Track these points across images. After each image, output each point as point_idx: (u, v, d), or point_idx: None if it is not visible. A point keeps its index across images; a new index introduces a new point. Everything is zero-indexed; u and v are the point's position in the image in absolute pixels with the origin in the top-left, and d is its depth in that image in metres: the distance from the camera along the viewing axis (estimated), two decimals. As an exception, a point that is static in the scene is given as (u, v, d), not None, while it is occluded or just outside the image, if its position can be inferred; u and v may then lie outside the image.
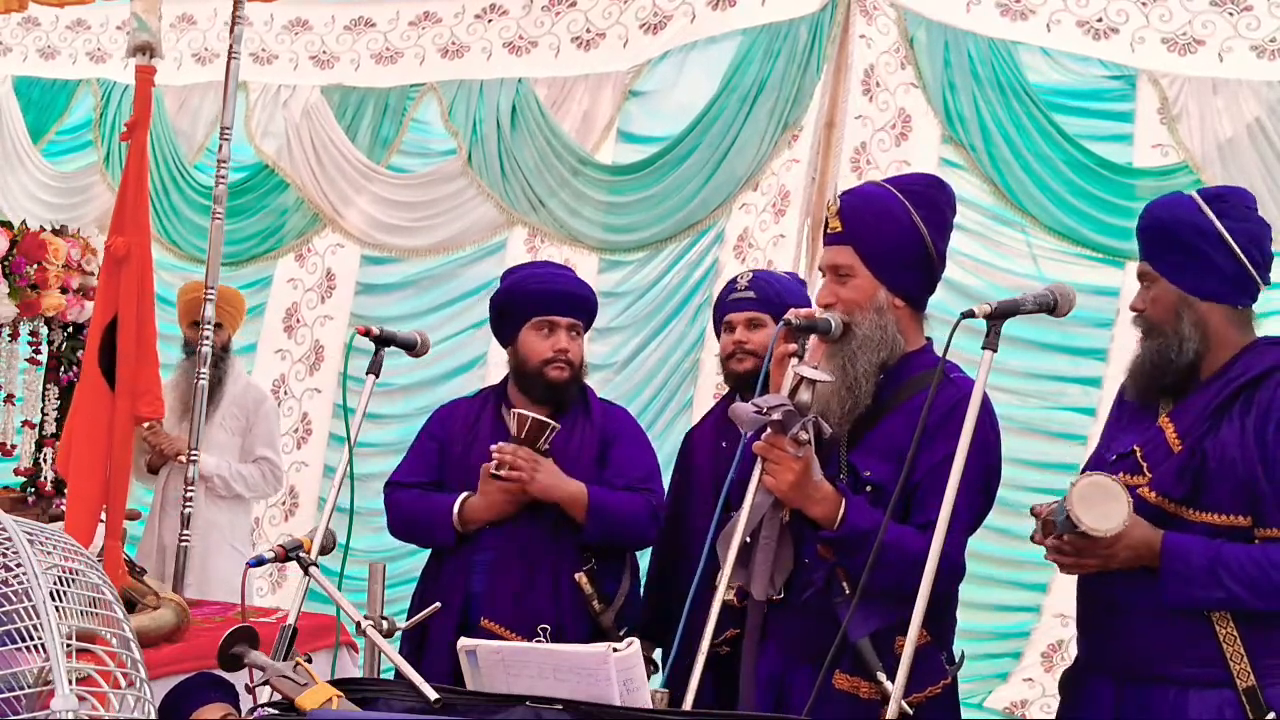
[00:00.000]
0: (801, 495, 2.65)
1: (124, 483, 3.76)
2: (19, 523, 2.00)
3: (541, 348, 3.52)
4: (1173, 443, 2.63)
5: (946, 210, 2.93)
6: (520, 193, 5.91)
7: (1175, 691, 2.55)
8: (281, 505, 6.26)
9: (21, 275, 3.71)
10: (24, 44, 7.06)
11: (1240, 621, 2.52)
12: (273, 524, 6.25)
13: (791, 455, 2.62)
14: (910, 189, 2.87)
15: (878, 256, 2.80)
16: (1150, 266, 2.73)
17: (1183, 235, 2.68)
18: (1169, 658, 2.56)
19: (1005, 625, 5.10)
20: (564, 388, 3.55)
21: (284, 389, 6.37)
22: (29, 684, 1.90)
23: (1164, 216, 2.73)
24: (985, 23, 5.06)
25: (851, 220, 2.81)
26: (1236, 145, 4.79)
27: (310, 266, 6.40)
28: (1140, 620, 2.59)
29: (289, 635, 2.67)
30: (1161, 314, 2.71)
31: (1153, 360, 2.70)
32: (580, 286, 3.66)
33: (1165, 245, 2.71)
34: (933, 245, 2.83)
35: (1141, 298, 2.76)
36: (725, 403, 3.75)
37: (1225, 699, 2.51)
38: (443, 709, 2.46)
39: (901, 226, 2.80)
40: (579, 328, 3.59)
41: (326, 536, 2.89)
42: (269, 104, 6.47)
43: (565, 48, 5.93)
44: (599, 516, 3.42)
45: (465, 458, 3.56)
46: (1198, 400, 2.65)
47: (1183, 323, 2.68)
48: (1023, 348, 4.98)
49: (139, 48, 3.84)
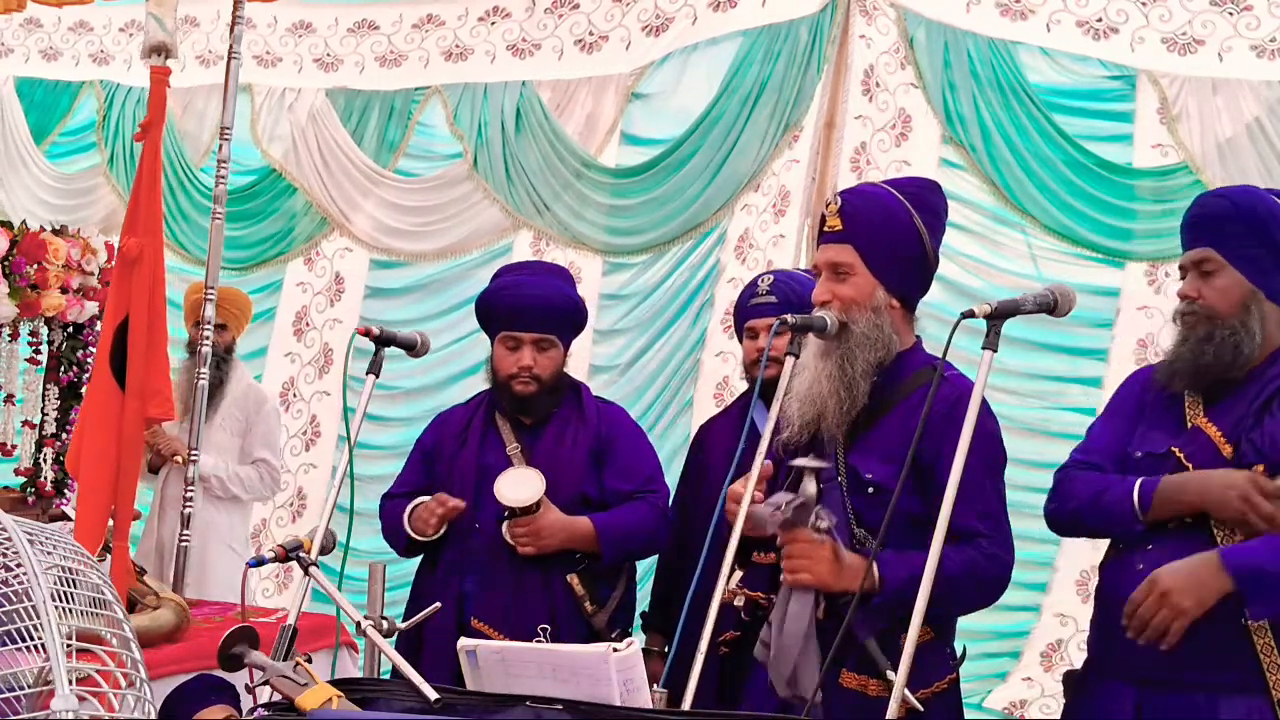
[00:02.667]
0: (839, 578, 2.60)
1: (132, 484, 3.77)
2: (19, 523, 2.01)
3: (506, 363, 3.53)
4: (1220, 444, 2.60)
5: (942, 213, 2.93)
6: (525, 196, 5.91)
7: (1204, 697, 2.52)
8: (290, 507, 6.27)
9: (21, 275, 3.72)
10: (26, 45, 7.06)
11: (1278, 631, 2.50)
12: (280, 525, 6.26)
13: (817, 542, 2.60)
14: (908, 191, 2.87)
15: (878, 256, 2.79)
16: (1217, 253, 2.65)
17: (1264, 224, 2.63)
18: (1199, 664, 2.51)
19: (1004, 625, 5.09)
20: (530, 401, 3.55)
21: (293, 392, 6.38)
22: (29, 684, 1.90)
23: (1245, 205, 2.66)
24: (985, 23, 5.06)
25: (852, 219, 2.80)
26: (1236, 145, 4.78)
27: (319, 270, 6.40)
28: None
29: (289, 635, 2.67)
30: (1227, 306, 2.64)
31: (1218, 353, 2.63)
32: (553, 298, 3.57)
33: (1242, 235, 2.63)
34: (930, 247, 2.84)
35: (1195, 285, 2.68)
36: (743, 400, 3.77)
37: (1256, 706, 2.49)
38: (443, 709, 2.46)
39: (903, 227, 2.80)
40: (550, 340, 3.55)
41: (326, 537, 2.90)
42: (274, 107, 6.48)
43: (568, 50, 5.93)
44: (612, 542, 3.45)
45: (454, 461, 3.58)
46: (1241, 400, 2.62)
47: (1251, 317, 2.63)
48: (1022, 348, 4.98)
49: (154, 48, 3.84)
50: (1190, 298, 2.69)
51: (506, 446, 3.58)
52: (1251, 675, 2.49)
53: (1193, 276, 2.70)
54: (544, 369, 3.53)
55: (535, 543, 3.39)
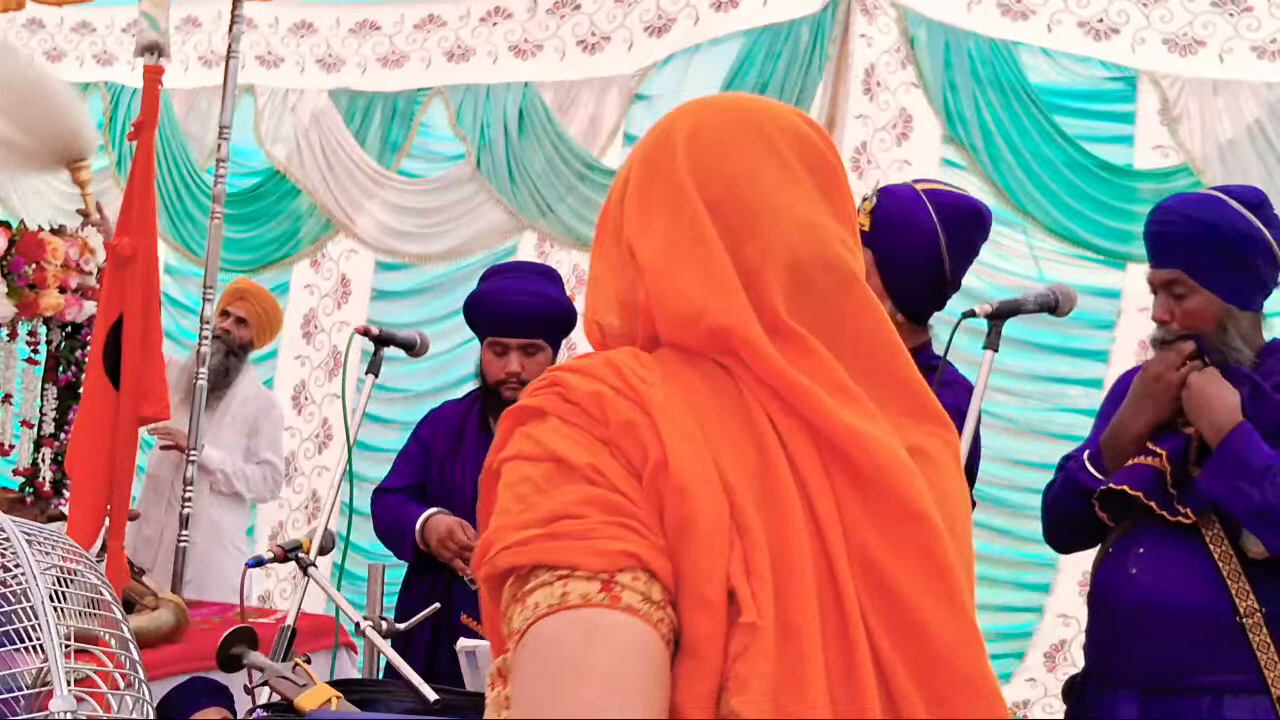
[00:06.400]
0: None
1: (127, 483, 3.77)
2: (18, 523, 2.01)
3: (494, 368, 3.53)
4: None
5: (977, 241, 2.86)
6: (529, 197, 5.90)
7: (1209, 701, 2.51)
8: (304, 509, 6.26)
9: (20, 275, 3.71)
10: (30, 46, 7.05)
11: (1274, 627, 2.49)
12: (295, 528, 6.25)
13: None
14: (946, 209, 2.79)
15: (892, 267, 2.75)
16: (1185, 274, 2.60)
17: (1233, 243, 2.57)
18: (1200, 668, 2.51)
19: (1007, 625, 5.09)
20: None
21: (305, 394, 6.38)
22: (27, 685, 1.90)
23: (1208, 221, 2.59)
24: (986, 23, 5.05)
25: (880, 222, 2.76)
26: (1237, 146, 4.77)
27: (325, 272, 6.40)
28: (1169, 631, 2.54)
29: (288, 636, 2.68)
30: (1202, 326, 2.60)
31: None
32: (536, 303, 3.54)
33: (1208, 252, 2.58)
34: (950, 271, 2.79)
35: (1167, 308, 2.63)
36: None
37: (1260, 706, 2.48)
38: (442, 709, 2.46)
39: (924, 244, 2.74)
40: (537, 345, 3.53)
41: (326, 537, 2.90)
42: (277, 108, 6.48)
43: (570, 51, 5.93)
44: None
45: (448, 463, 3.58)
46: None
47: (1229, 334, 2.60)
48: (1023, 349, 4.97)
49: (147, 47, 3.83)
50: (1164, 321, 2.65)
51: None
52: (1253, 675, 2.48)
53: (1164, 298, 2.65)
54: (532, 373, 3.50)
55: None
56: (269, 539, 6.10)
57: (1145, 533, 2.62)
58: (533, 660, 1.12)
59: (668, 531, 1.17)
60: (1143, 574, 2.56)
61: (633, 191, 1.34)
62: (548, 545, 1.15)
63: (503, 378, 3.51)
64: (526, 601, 1.15)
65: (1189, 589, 2.53)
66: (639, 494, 1.18)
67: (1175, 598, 2.52)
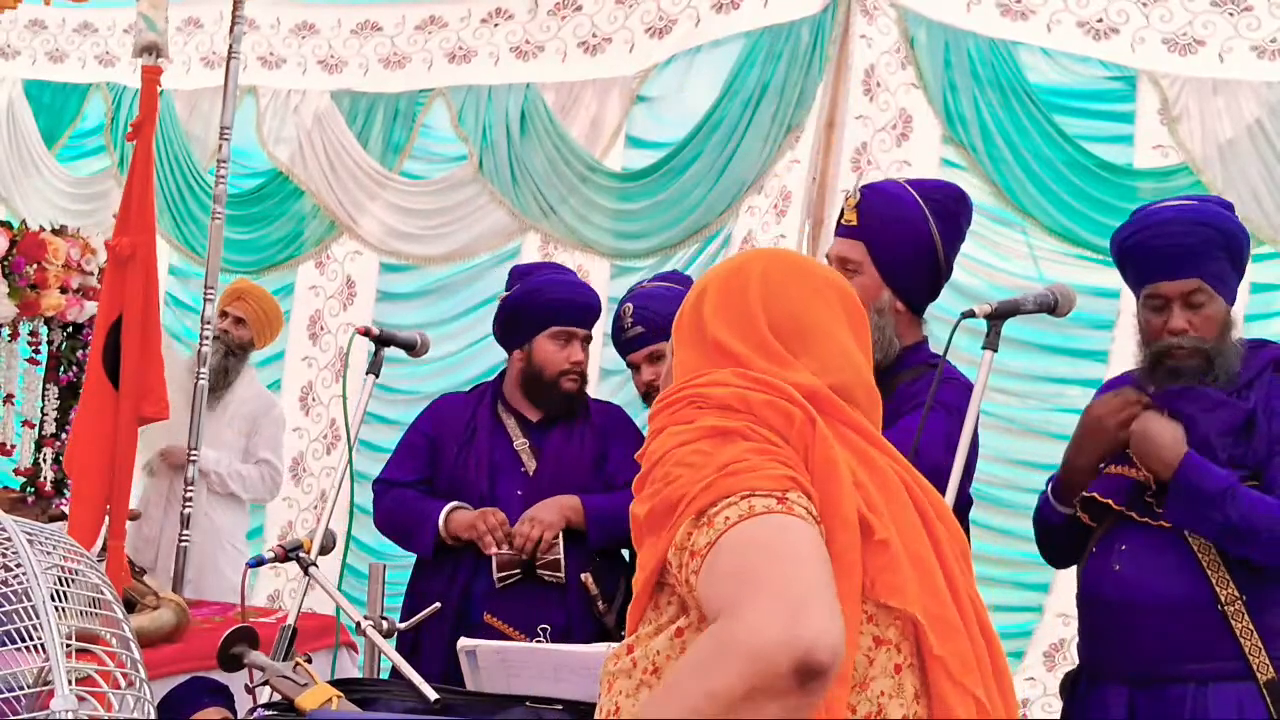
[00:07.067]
0: None
1: (127, 483, 3.77)
2: (19, 523, 2.02)
3: (558, 359, 3.55)
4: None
5: (963, 224, 2.91)
6: (531, 199, 5.90)
7: (1194, 690, 2.54)
8: (314, 510, 6.26)
9: (21, 275, 3.72)
10: (32, 47, 7.07)
11: (1256, 614, 2.52)
12: (304, 527, 6.25)
13: None
14: (932, 197, 2.84)
15: (887, 256, 2.78)
16: (1207, 284, 2.60)
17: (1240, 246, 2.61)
18: (1186, 657, 2.55)
19: (1007, 625, 5.09)
20: (575, 399, 3.61)
21: (312, 395, 6.38)
22: (29, 684, 1.91)
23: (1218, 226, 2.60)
24: (986, 23, 5.04)
25: (867, 215, 2.79)
26: (1237, 146, 4.77)
27: (330, 274, 6.40)
28: (1154, 622, 2.58)
29: (289, 635, 2.68)
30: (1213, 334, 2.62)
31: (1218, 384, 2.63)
32: (594, 297, 3.72)
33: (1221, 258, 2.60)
34: (944, 256, 2.82)
35: (1184, 317, 2.62)
36: None
37: (1246, 693, 2.51)
38: (443, 709, 2.47)
39: (916, 231, 2.78)
40: (590, 338, 3.66)
41: (326, 536, 2.91)
42: (280, 109, 6.48)
43: (572, 52, 5.93)
44: (600, 523, 3.46)
45: (460, 458, 3.58)
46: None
47: (1228, 340, 2.64)
48: (1022, 349, 4.96)
49: (145, 48, 3.85)
50: (1184, 332, 2.62)
51: (514, 442, 3.59)
52: (1236, 661, 2.52)
53: (1181, 309, 2.63)
54: (585, 367, 3.63)
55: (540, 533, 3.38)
56: (278, 538, 6.10)
57: (1126, 531, 2.65)
58: (733, 552, 1.44)
59: (814, 471, 1.56)
60: (1126, 569, 2.60)
61: (710, 306, 1.75)
62: (728, 480, 1.50)
63: (566, 368, 3.55)
64: (715, 520, 1.47)
65: (1171, 581, 2.57)
66: (786, 449, 1.56)
67: (1158, 590, 2.55)
